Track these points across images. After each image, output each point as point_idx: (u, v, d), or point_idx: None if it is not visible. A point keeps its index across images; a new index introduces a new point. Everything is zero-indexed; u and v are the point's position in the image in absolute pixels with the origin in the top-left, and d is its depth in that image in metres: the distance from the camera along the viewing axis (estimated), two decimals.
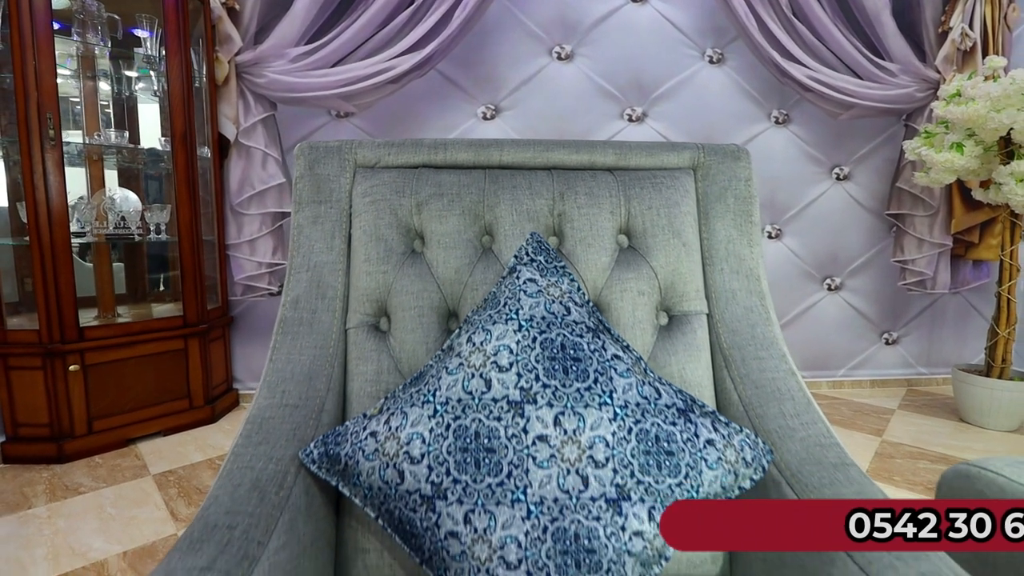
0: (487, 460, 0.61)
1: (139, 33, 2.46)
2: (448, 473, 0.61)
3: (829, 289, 2.94)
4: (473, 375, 0.65)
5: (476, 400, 0.64)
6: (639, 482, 0.62)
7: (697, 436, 0.66)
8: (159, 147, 2.55)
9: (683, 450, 0.64)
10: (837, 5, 2.77)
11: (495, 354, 0.66)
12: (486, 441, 0.61)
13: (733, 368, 0.86)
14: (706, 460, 0.65)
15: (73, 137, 2.34)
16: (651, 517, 0.62)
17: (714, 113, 2.77)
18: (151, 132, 2.68)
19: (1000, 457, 0.85)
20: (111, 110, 2.63)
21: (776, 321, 0.91)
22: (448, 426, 0.63)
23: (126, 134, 2.41)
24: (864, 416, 2.61)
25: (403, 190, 0.90)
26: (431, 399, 0.65)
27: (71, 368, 2.11)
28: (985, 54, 2.72)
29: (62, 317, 2.08)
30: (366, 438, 0.66)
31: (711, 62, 2.77)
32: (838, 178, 2.88)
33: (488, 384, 0.64)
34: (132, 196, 2.49)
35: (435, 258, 0.88)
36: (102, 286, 2.45)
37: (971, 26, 2.76)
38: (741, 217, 0.96)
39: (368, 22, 2.50)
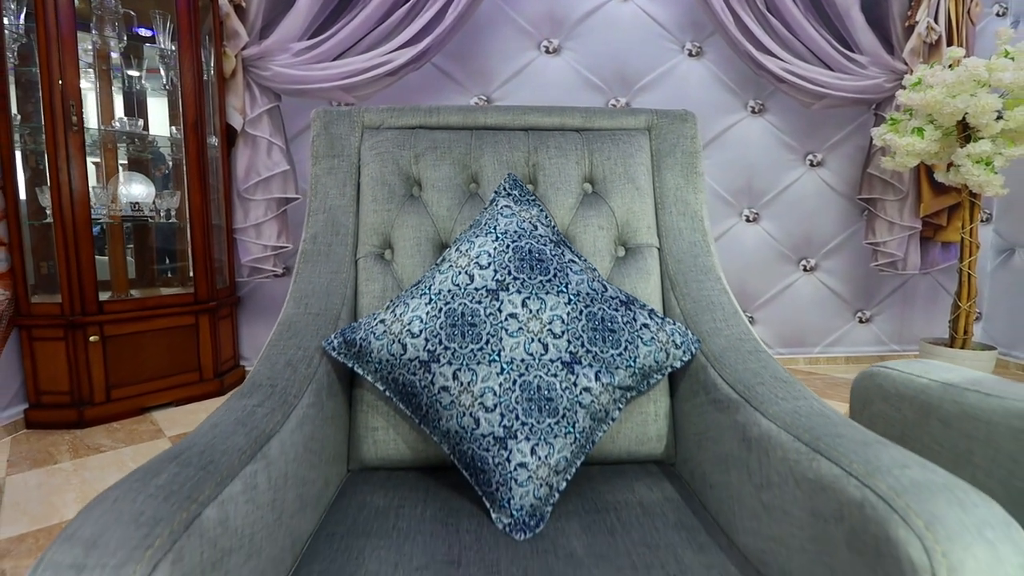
0: (470, 332, 0.80)
1: (152, 29, 2.66)
2: (440, 343, 0.80)
3: (805, 270, 3.14)
4: (460, 272, 0.85)
5: (462, 290, 0.83)
6: (588, 351, 0.81)
7: (635, 320, 0.86)
8: (169, 137, 2.74)
9: (623, 329, 0.84)
10: (809, 1, 2.99)
11: (477, 257, 0.85)
12: (470, 318, 0.81)
13: (677, 289, 1.06)
14: (642, 338, 0.84)
15: (89, 127, 2.52)
16: (597, 378, 0.81)
17: (694, 103, 2.98)
18: (160, 124, 2.87)
19: (896, 360, 1.04)
20: (123, 102, 2.82)
21: (715, 253, 1.11)
22: (440, 309, 0.82)
23: (140, 122, 2.60)
24: (836, 387, 2.81)
25: (403, 144, 1.10)
26: (427, 291, 0.85)
27: (91, 339, 2.29)
28: (950, 46, 2.93)
29: (83, 291, 2.27)
30: (376, 324, 0.85)
31: (690, 55, 2.98)
32: (812, 164, 3.08)
33: (471, 278, 0.84)
34: (146, 181, 2.68)
35: (430, 199, 1.07)
36: (116, 268, 2.63)
37: (936, 20, 2.98)
38: (687, 168, 1.16)
39: (367, 18, 2.71)
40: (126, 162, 2.80)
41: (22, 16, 2.37)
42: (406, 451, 0.95)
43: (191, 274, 2.66)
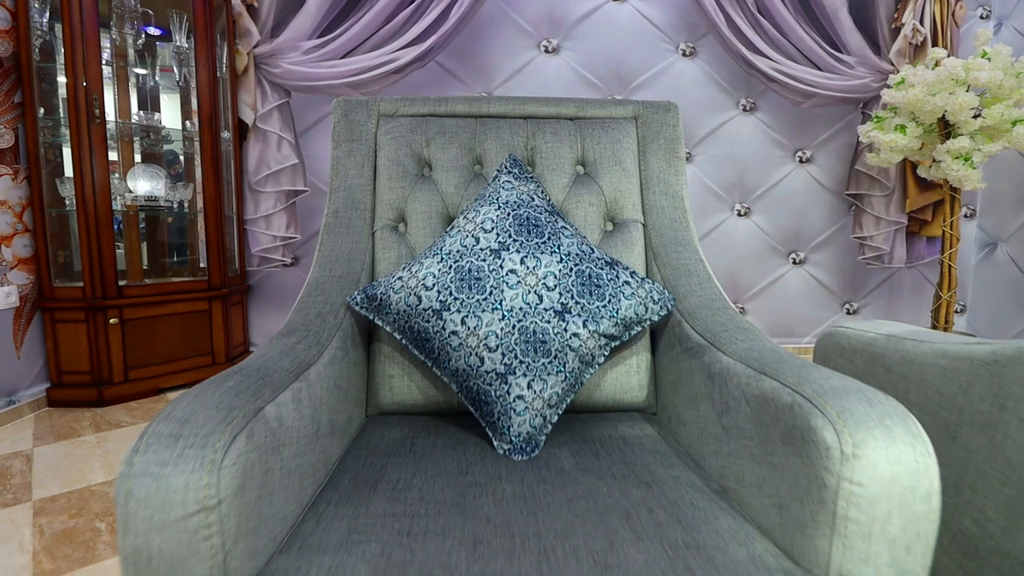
0: (476, 285, 0.94)
1: (161, 28, 2.80)
2: (451, 294, 0.94)
3: (794, 263, 3.29)
4: (467, 236, 0.99)
5: (469, 250, 0.97)
6: (577, 302, 0.96)
7: (618, 278, 1.00)
8: (182, 131, 2.89)
9: (608, 284, 0.98)
10: (799, 3, 3.14)
11: (482, 223, 1.00)
12: (475, 273, 0.95)
13: (659, 259, 1.20)
14: (623, 293, 0.99)
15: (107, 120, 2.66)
16: (584, 325, 0.95)
17: (687, 101, 3.13)
18: (171, 120, 3.01)
19: (854, 320, 1.19)
20: (136, 98, 2.96)
21: (693, 228, 1.25)
22: (450, 266, 0.96)
23: (157, 115, 2.75)
24: None
25: (415, 130, 1.25)
26: (439, 252, 0.99)
27: (111, 321, 2.43)
28: (935, 47, 3.08)
29: (103, 275, 2.41)
30: (394, 281, 0.99)
31: (684, 55, 3.13)
32: (801, 161, 3.23)
33: (477, 240, 0.98)
34: (162, 172, 2.82)
35: (440, 178, 1.22)
36: (131, 256, 2.77)
37: (922, 22, 3.13)
38: (670, 153, 1.30)
39: (374, 18, 2.85)
40: (141, 156, 2.94)
41: (46, 15, 2.51)
42: (419, 396, 1.09)
43: (201, 264, 2.80)
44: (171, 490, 0.56)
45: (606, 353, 1.00)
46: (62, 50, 2.47)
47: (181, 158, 3.07)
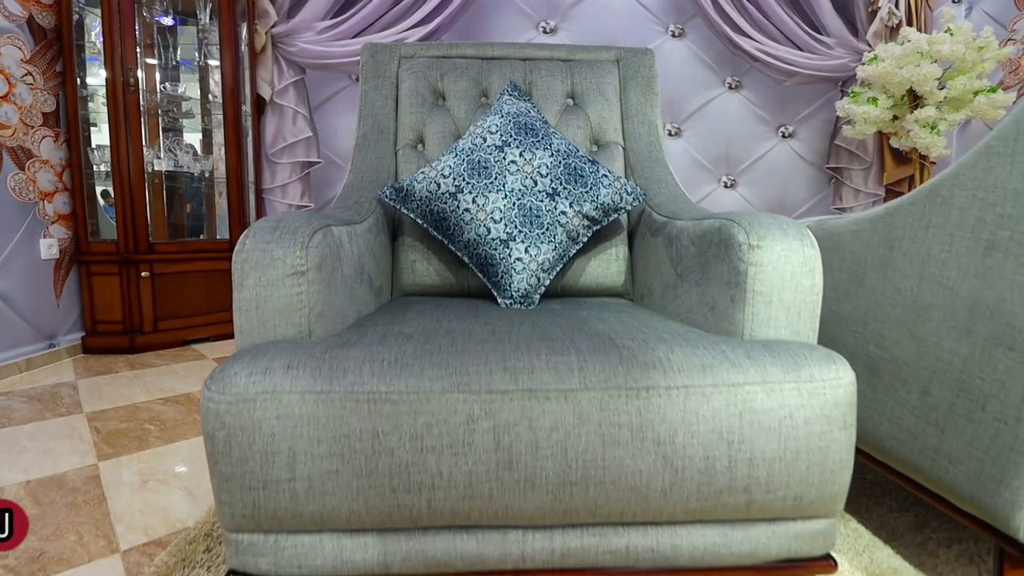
0: (484, 172, 1.20)
1: (175, 18, 3.08)
2: (464, 180, 1.20)
3: None
4: (476, 137, 1.25)
5: (478, 147, 1.23)
6: (564, 187, 1.22)
7: (598, 171, 1.26)
8: (201, 104, 3.16)
9: (589, 176, 1.24)
10: None
11: (488, 127, 1.26)
12: (484, 164, 1.21)
13: (635, 172, 1.46)
14: (603, 183, 1.25)
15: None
16: (571, 206, 1.21)
17: (676, 80, 3.40)
18: (193, 96, 3.28)
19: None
20: (159, 76, 3.23)
21: (665, 149, 1.51)
22: (463, 160, 1.22)
23: (182, 88, 3.02)
24: None
25: (432, 67, 1.51)
26: (454, 150, 1.25)
27: (143, 275, 2.69)
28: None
29: (136, 232, 2.67)
30: (418, 175, 1.25)
31: (673, 36, 3.41)
32: (784, 136, 3.50)
33: (485, 139, 1.24)
34: (186, 142, 3.09)
35: (452, 106, 1.48)
36: (156, 218, 3.03)
37: (897, 5, 3.41)
38: (646, 90, 1.57)
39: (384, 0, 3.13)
40: (164, 128, 3.21)
41: None
42: (436, 279, 1.35)
43: (218, 236, 3.06)
44: (274, 257, 0.82)
45: (588, 234, 1.26)
46: (95, 27, 2.75)
47: (199, 133, 3.34)
